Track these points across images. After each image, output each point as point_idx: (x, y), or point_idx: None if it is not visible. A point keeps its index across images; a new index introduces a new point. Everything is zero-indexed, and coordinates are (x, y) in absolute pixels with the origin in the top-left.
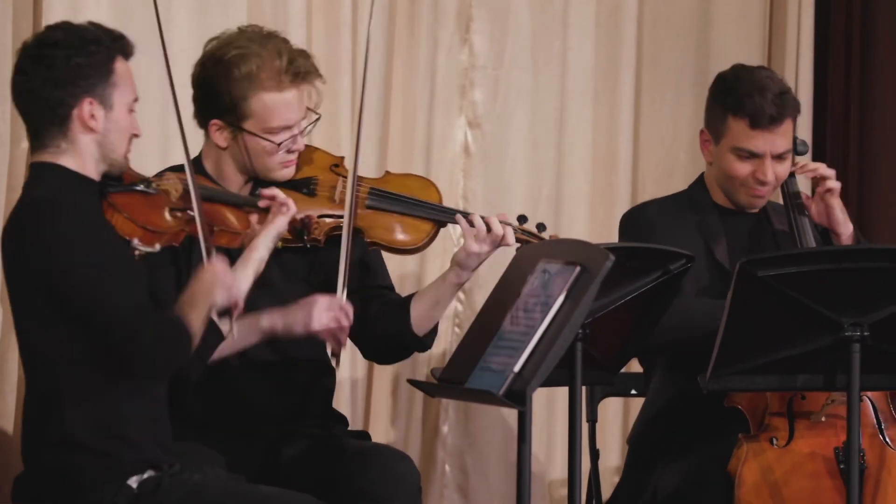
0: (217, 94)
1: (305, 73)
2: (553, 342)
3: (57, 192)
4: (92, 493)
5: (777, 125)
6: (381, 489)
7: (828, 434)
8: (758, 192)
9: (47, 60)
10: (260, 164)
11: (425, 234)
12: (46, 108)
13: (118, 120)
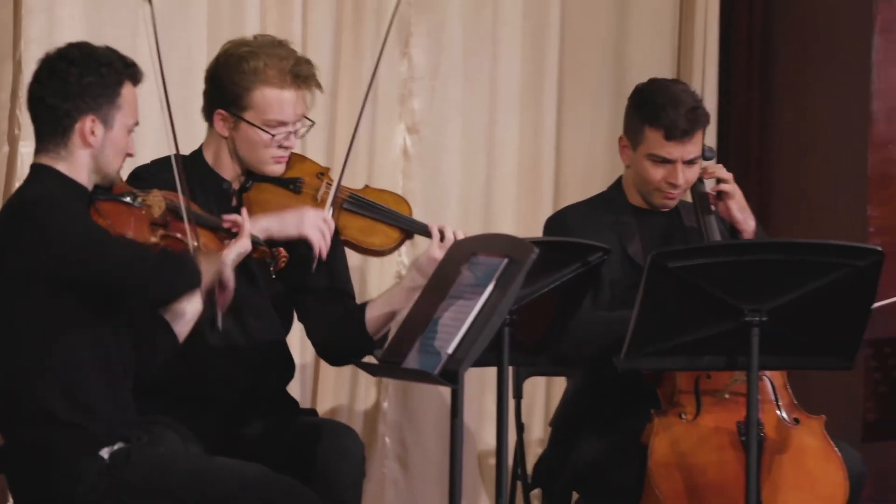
0: (225, 85)
1: (307, 77)
2: (483, 327)
3: (49, 192)
4: (66, 465)
5: (689, 137)
6: (328, 460)
7: (731, 409)
8: (669, 194)
9: (62, 74)
10: (255, 155)
11: (394, 240)
12: (53, 116)
13: (116, 139)
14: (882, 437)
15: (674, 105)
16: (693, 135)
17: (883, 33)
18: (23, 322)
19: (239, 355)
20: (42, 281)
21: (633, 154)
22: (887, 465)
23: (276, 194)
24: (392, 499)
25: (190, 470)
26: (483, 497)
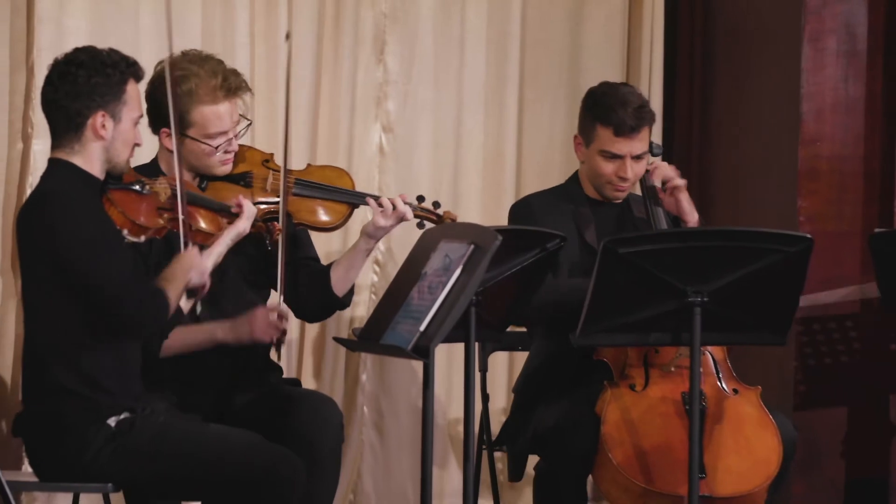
0: (164, 107)
1: (236, 88)
2: (451, 307)
3: (66, 185)
4: (77, 431)
5: (636, 133)
6: (310, 427)
7: (676, 381)
8: (620, 186)
9: (71, 77)
10: (202, 163)
11: (342, 214)
12: (66, 115)
13: (124, 131)
14: (811, 407)
15: (622, 105)
16: (640, 131)
17: (811, 43)
18: (41, 305)
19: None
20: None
21: (587, 150)
22: (816, 432)
23: (230, 190)
24: (369, 462)
25: (187, 437)
26: (452, 460)
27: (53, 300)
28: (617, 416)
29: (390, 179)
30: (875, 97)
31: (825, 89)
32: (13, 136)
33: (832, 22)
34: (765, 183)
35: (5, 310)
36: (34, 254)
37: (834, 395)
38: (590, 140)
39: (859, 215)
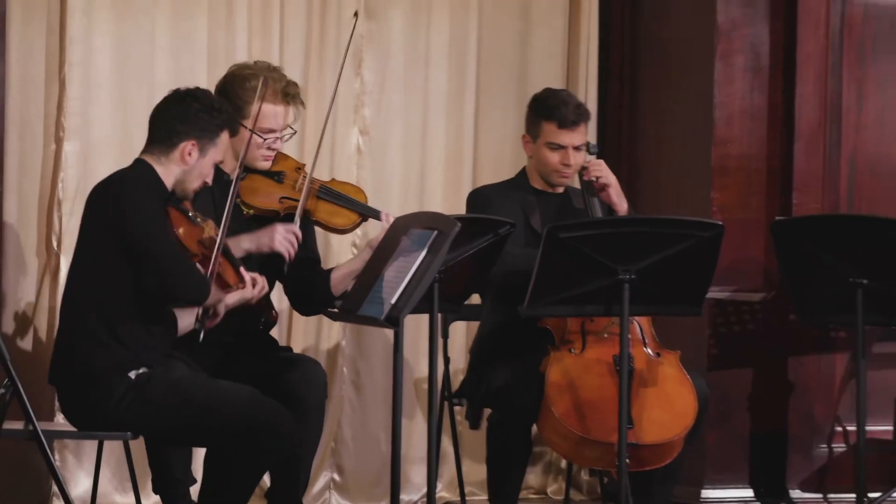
0: (230, 98)
1: (293, 96)
2: (418, 283)
3: (144, 176)
4: (101, 380)
5: (576, 127)
6: (299, 385)
7: (609, 346)
8: (564, 173)
9: (186, 104)
10: (250, 153)
11: (353, 221)
12: (167, 130)
13: (203, 166)
14: (722, 368)
15: (564, 103)
16: (579, 125)
17: (722, 60)
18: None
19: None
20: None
21: (534, 145)
22: (726, 390)
23: (264, 183)
24: (348, 414)
25: (197, 389)
26: (418, 413)
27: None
28: (558, 376)
29: (367, 175)
30: (776, 106)
31: (734, 99)
32: (47, 139)
33: (740, 43)
34: (683, 178)
35: (42, 286)
36: (101, 224)
37: (741, 358)
38: (536, 136)
39: (763, 206)
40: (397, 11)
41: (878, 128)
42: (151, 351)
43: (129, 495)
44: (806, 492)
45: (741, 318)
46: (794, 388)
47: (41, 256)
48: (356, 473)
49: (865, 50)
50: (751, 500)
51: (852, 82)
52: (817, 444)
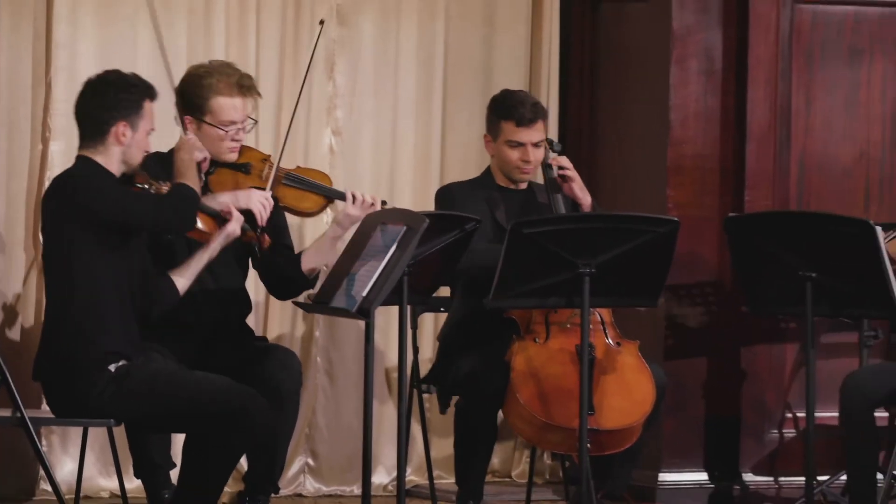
0: (190, 97)
1: (249, 87)
2: (388, 276)
3: (90, 170)
4: (83, 374)
5: (534, 124)
6: (275, 374)
7: (571, 336)
8: (525, 169)
9: (101, 92)
10: (215, 147)
11: (319, 205)
12: (94, 122)
13: (139, 140)
14: (679, 357)
15: (521, 103)
16: (536, 122)
17: (677, 64)
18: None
19: (210, 297)
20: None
21: (495, 144)
22: (682, 378)
23: (231, 175)
24: (322, 402)
25: (174, 380)
26: (388, 400)
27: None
28: (523, 364)
29: (339, 173)
30: (728, 109)
31: (689, 102)
32: (34, 139)
33: (694, 47)
34: (641, 177)
35: (29, 278)
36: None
37: (697, 347)
38: (497, 135)
39: (716, 203)
40: (368, 18)
41: (825, 130)
42: (129, 344)
43: (112, 479)
44: (758, 475)
45: (695, 310)
46: (746, 376)
47: (28, 251)
48: (329, 458)
49: (813, 55)
50: (705, 484)
51: (801, 86)
52: (769, 429)
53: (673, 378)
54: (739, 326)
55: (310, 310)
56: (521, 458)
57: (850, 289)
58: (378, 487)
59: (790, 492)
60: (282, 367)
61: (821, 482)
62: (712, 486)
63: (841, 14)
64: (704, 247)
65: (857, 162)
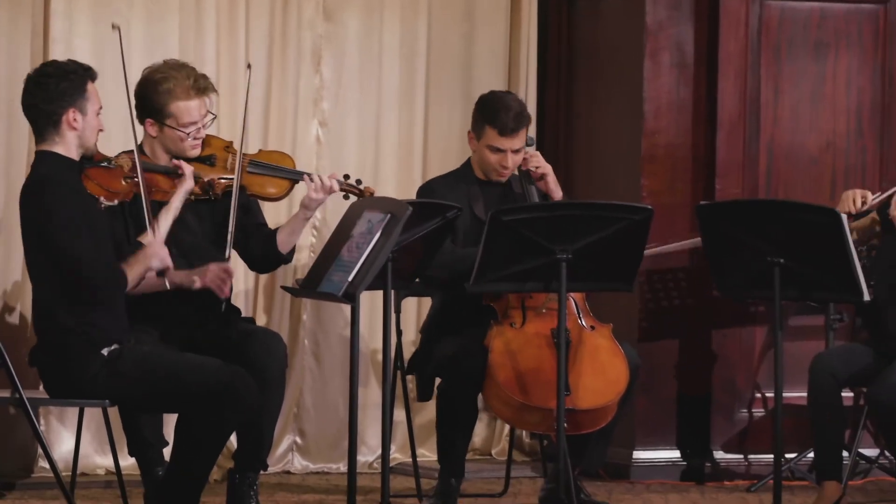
0: (150, 102)
1: (205, 88)
2: (373, 262)
3: (55, 171)
4: (77, 360)
5: (515, 134)
6: (262, 356)
7: (546, 320)
8: (503, 173)
9: (44, 85)
10: (177, 147)
11: (284, 188)
12: (45, 115)
13: (90, 121)
14: (651, 339)
15: (505, 111)
16: (518, 132)
17: (650, 58)
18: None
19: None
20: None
21: (478, 143)
22: (655, 359)
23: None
24: (309, 383)
25: (164, 362)
26: (373, 381)
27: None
28: (501, 347)
29: (325, 163)
30: (700, 100)
31: (661, 93)
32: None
33: (666, 41)
34: (615, 166)
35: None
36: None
37: (668, 330)
38: (480, 136)
39: (688, 191)
40: (353, 14)
41: (792, 120)
42: (118, 328)
43: (107, 457)
44: (728, 453)
45: (668, 294)
46: (716, 357)
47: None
48: (316, 437)
49: (781, 49)
50: (677, 461)
51: (769, 78)
52: (738, 409)
53: (646, 359)
54: (710, 310)
55: (297, 294)
56: (501, 437)
57: (816, 274)
58: (363, 465)
59: (759, 469)
60: (267, 350)
61: (789, 459)
62: (684, 463)
63: (807, 10)
64: (677, 233)
65: (823, 152)
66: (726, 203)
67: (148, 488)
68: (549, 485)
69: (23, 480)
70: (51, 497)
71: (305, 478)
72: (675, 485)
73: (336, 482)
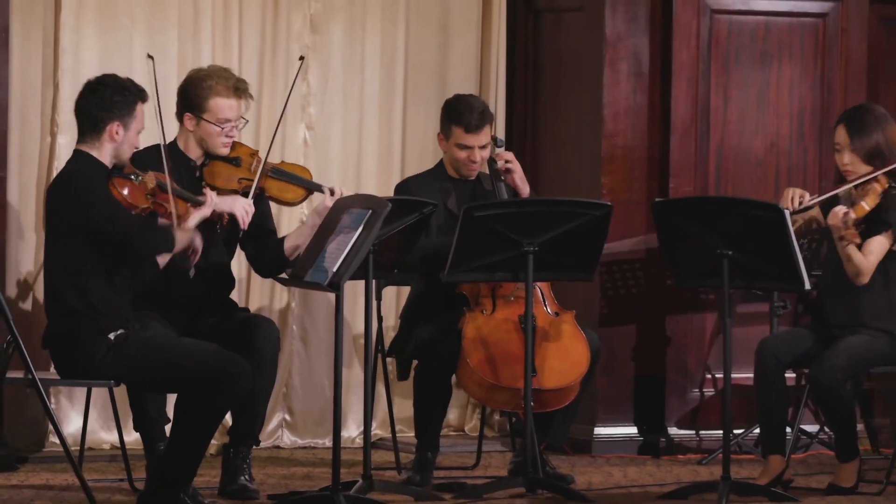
0: (190, 97)
1: (243, 90)
2: (356, 254)
3: (85, 168)
4: (86, 343)
5: (480, 131)
6: (256, 340)
7: (515, 307)
8: (471, 167)
9: (99, 94)
10: (211, 142)
11: (301, 196)
12: (91, 121)
13: (129, 138)
14: (611, 325)
15: (469, 111)
16: (483, 129)
17: (609, 66)
18: (60, 255)
19: (198, 273)
20: (75, 229)
21: (447, 143)
22: (614, 343)
23: (224, 167)
24: (297, 365)
25: (166, 347)
26: (355, 363)
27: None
28: (473, 332)
29: (312, 163)
30: (655, 105)
31: (619, 99)
32: (43, 133)
33: (624, 52)
34: (578, 165)
35: (38, 257)
36: (64, 214)
37: (627, 316)
38: (448, 136)
39: (644, 189)
40: (337, 26)
41: (740, 123)
42: (124, 314)
43: (113, 433)
44: (681, 429)
45: (626, 283)
46: (670, 341)
47: (38, 232)
48: (304, 414)
49: (729, 59)
50: (635, 437)
51: (719, 86)
52: (690, 389)
53: (606, 343)
54: (665, 298)
55: (287, 284)
56: (474, 415)
57: (762, 265)
58: (347, 440)
59: (709, 443)
60: (262, 334)
61: (737, 435)
62: (641, 438)
63: (753, 23)
64: (634, 227)
65: (768, 152)
66: (679, 200)
67: (150, 461)
68: (517, 458)
69: (35, 454)
70: (60, 470)
71: (294, 452)
72: (632, 458)
73: (322, 456)
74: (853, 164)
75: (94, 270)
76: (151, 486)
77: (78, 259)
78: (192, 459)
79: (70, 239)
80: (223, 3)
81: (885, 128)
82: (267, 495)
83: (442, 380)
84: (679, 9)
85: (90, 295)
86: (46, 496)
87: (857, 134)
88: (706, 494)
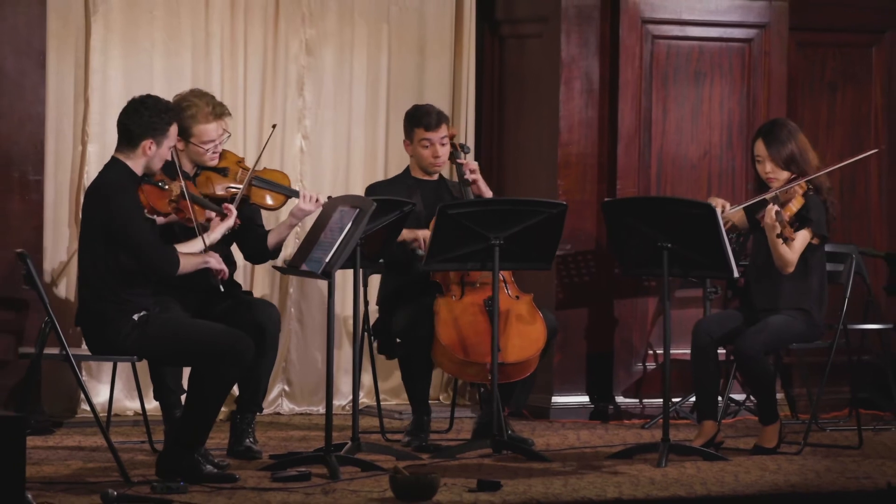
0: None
1: (221, 114)
2: (346, 247)
3: (120, 177)
4: (112, 323)
5: (438, 127)
6: (260, 321)
7: (480, 292)
8: (436, 163)
9: (139, 113)
10: (200, 159)
11: (281, 202)
12: (129, 135)
13: (161, 153)
14: (566, 307)
15: (426, 113)
16: (440, 125)
17: (565, 84)
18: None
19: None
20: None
21: (412, 146)
22: (569, 323)
23: (213, 177)
24: (294, 342)
25: (182, 326)
26: (345, 341)
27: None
28: (445, 315)
29: (307, 169)
30: (604, 118)
31: (573, 113)
32: (76, 142)
33: (577, 72)
34: (537, 170)
35: (71, 249)
36: (95, 219)
37: (580, 300)
38: (412, 139)
39: (595, 190)
40: (329, 50)
41: (677, 133)
42: (146, 298)
43: (135, 401)
44: (627, 398)
45: (580, 272)
46: (618, 322)
47: (71, 227)
48: (300, 385)
49: (668, 77)
50: (587, 405)
51: (659, 101)
52: (635, 363)
53: (562, 323)
54: (613, 284)
55: (285, 272)
56: (447, 386)
57: (696, 256)
58: (338, 408)
59: (651, 410)
60: (266, 316)
61: (675, 403)
62: (592, 406)
63: (688, 47)
64: (586, 223)
65: (701, 159)
66: (626, 199)
67: (168, 426)
68: (483, 419)
69: (68, 420)
70: (90, 433)
71: (292, 418)
72: (584, 423)
73: (316, 421)
74: (774, 172)
75: (119, 266)
76: (169, 447)
77: (106, 254)
78: (204, 424)
79: (101, 236)
80: (231, 30)
81: (796, 138)
82: (269, 455)
83: (422, 356)
84: (625, 35)
85: (118, 283)
86: (78, 456)
87: (774, 145)
88: (648, 454)
